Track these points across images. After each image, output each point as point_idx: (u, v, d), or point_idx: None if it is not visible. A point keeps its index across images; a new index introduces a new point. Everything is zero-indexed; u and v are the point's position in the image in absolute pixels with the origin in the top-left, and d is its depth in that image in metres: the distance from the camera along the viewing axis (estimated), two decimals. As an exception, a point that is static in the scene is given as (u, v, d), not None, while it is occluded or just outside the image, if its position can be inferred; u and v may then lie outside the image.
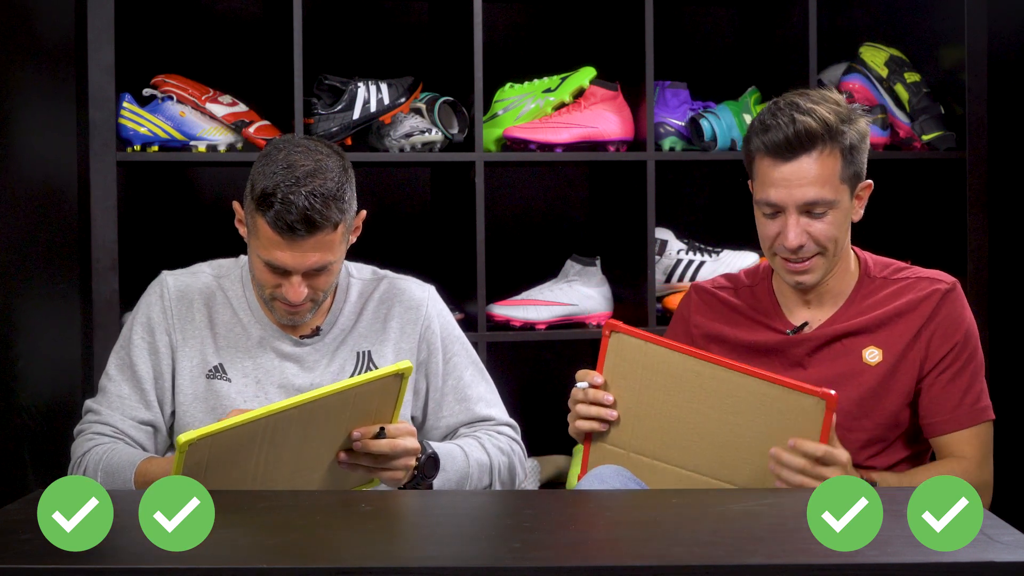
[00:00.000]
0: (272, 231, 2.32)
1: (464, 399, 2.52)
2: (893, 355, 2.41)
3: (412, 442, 2.27)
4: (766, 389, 2.18)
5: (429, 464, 2.34)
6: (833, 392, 2.14)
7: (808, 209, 2.36)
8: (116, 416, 2.44)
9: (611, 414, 2.24)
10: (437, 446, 2.40)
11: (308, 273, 2.36)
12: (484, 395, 2.55)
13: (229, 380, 2.45)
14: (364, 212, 2.47)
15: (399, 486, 2.33)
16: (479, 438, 2.49)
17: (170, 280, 2.50)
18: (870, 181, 2.43)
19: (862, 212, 2.44)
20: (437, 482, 2.37)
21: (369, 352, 2.49)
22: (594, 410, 2.25)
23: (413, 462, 2.29)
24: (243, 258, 2.54)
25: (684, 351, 2.23)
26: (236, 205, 2.46)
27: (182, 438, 2.04)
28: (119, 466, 2.37)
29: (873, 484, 2.27)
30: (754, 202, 2.42)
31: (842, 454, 2.19)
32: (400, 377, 2.21)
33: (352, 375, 2.48)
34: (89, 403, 2.48)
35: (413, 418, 2.53)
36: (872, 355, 2.42)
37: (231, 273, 2.53)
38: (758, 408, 2.18)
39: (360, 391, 2.18)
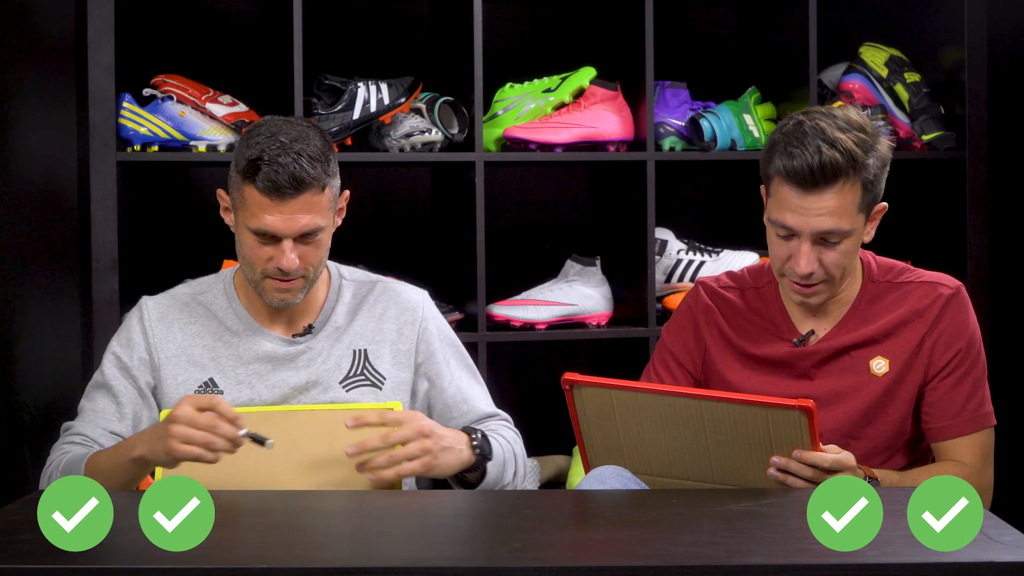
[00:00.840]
0: (261, 194, 2.33)
1: (466, 400, 2.53)
2: (899, 364, 2.41)
3: (412, 426, 2.27)
4: (743, 411, 2.14)
5: (484, 442, 2.35)
6: (811, 402, 2.10)
7: (823, 238, 2.33)
8: (88, 427, 2.43)
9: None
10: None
11: (299, 243, 2.37)
12: (481, 394, 2.56)
13: (221, 392, 2.43)
14: (348, 192, 2.48)
15: (455, 473, 2.34)
16: (495, 429, 2.49)
17: (150, 303, 2.51)
18: (885, 204, 2.40)
19: (873, 233, 2.41)
20: (491, 467, 2.38)
21: (365, 351, 2.49)
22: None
23: (428, 443, 2.28)
24: (225, 272, 2.55)
25: (649, 390, 2.20)
26: (220, 193, 2.46)
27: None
28: (72, 463, 2.35)
29: (874, 480, 2.27)
30: (767, 219, 2.38)
31: (848, 459, 2.18)
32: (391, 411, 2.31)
33: (348, 373, 2.47)
34: (66, 423, 2.47)
35: None
36: (879, 366, 2.41)
37: (212, 288, 2.53)
38: (741, 429, 2.15)
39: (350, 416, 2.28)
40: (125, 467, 2.25)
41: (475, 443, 2.34)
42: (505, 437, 2.47)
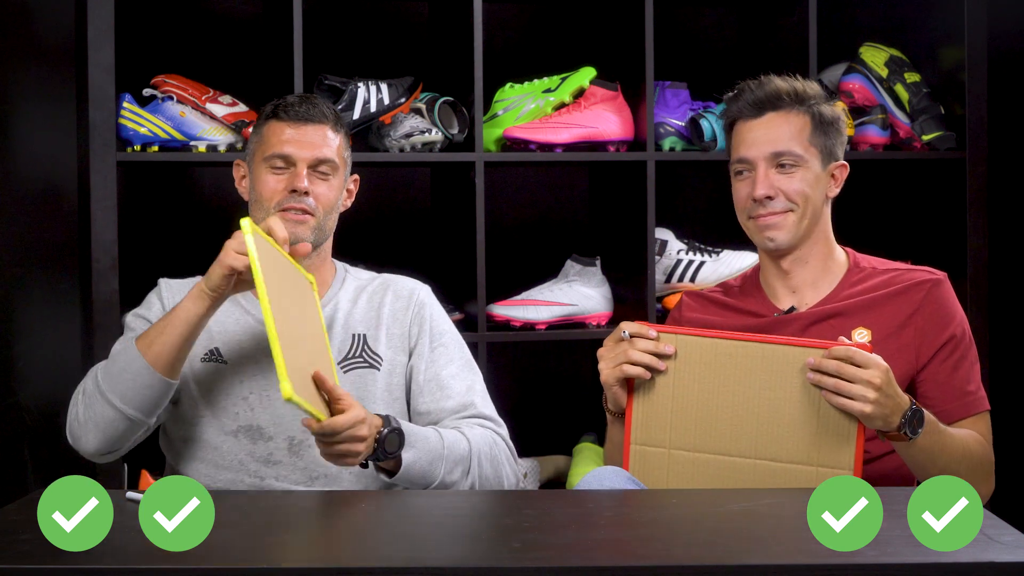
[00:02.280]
0: (280, 122, 2.55)
1: (443, 387, 2.54)
2: (880, 335, 2.44)
3: (351, 417, 2.25)
4: (800, 355, 2.21)
5: (392, 438, 2.33)
6: (868, 340, 2.15)
7: (778, 162, 2.47)
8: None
9: (660, 364, 2.27)
10: (409, 426, 2.40)
11: (312, 175, 2.51)
12: (467, 389, 2.55)
13: (225, 363, 2.52)
14: (357, 176, 2.65)
15: (361, 461, 2.32)
16: (459, 427, 2.50)
17: (168, 281, 2.63)
18: (846, 164, 2.53)
19: (837, 191, 2.53)
20: (407, 458, 2.36)
21: (364, 335, 2.56)
22: (649, 346, 2.27)
23: (361, 447, 2.27)
24: None
25: (712, 335, 2.27)
26: (237, 162, 2.63)
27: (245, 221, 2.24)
28: (114, 354, 2.43)
29: (919, 409, 2.26)
30: (731, 173, 2.53)
31: (876, 356, 2.20)
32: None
33: (347, 355, 2.53)
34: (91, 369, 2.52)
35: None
36: (861, 336, 2.44)
37: None
38: (796, 376, 2.21)
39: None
40: (179, 320, 2.36)
41: (378, 437, 2.31)
42: (464, 435, 2.45)
